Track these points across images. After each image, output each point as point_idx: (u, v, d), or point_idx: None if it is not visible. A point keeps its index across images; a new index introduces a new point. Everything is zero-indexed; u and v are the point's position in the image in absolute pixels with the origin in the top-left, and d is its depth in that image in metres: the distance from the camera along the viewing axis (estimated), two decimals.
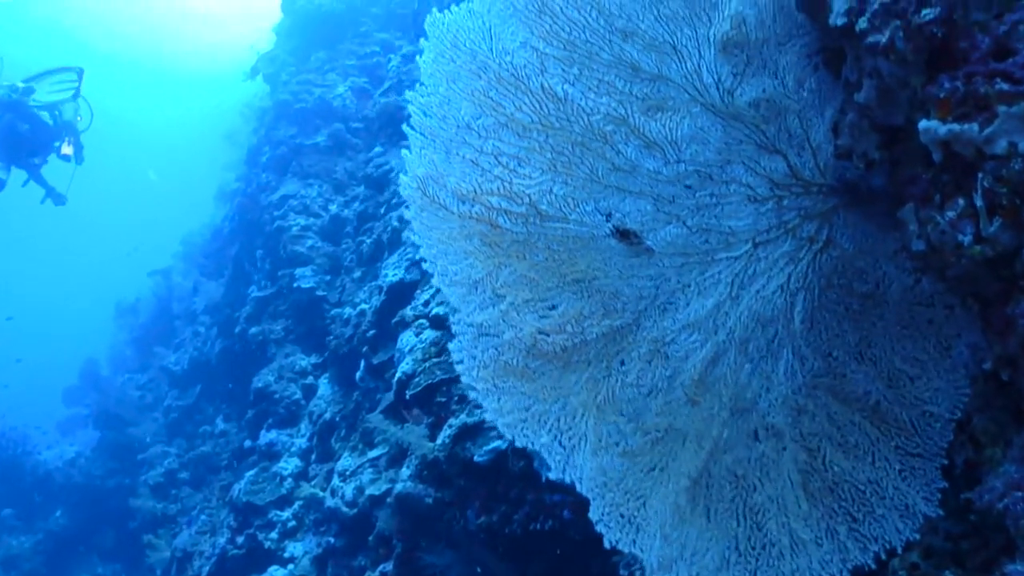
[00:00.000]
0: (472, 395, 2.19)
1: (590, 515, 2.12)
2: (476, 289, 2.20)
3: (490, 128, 2.11)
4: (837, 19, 1.89)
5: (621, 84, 2.01)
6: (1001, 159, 1.62)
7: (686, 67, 2.00)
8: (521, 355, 2.14)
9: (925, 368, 1.97)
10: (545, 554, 6.30)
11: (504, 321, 2.13)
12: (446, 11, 2.11)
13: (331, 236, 12.62)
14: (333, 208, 12.96)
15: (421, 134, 2.22)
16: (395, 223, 11.00)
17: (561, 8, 1.99)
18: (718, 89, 2.01)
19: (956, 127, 1.68)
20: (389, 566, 7.53)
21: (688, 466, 2.06)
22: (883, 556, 1.99)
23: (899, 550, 1.98)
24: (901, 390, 1.99)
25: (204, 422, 13.12)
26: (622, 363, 2.10)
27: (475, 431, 6.89)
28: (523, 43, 2.05)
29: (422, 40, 2.14)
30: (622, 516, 2.14)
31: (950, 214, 1.75)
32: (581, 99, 2.03)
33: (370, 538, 7.77)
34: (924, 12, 1.75)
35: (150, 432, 13.83)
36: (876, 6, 1.83)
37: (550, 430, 2.17)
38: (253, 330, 12.18)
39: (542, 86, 2.03)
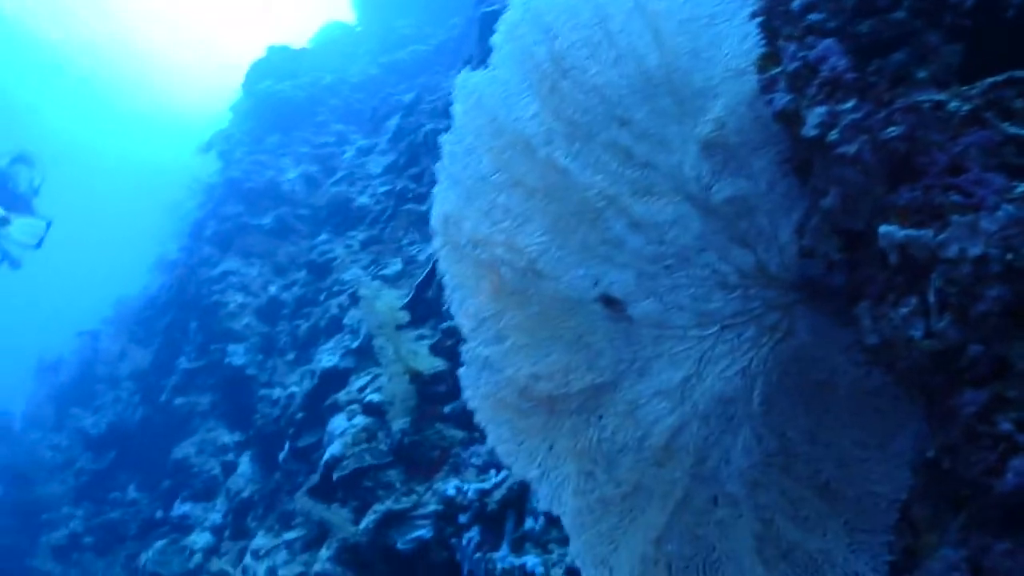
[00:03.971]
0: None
1: (569, 550, 2.24)
2: (483, 325, 2.34)
3: (502, 184, 2.28)
4: (810, 131, 2.09)
5: (615, 166, 2.18)
6: (952, 263, 1.80)
7: (671, 160, 2.18)
8: (515, 394, 2.26)
9: (872, 452, 2.11)
10: None
11: (504, 359, 2.27)
12: (475, 72, 2.32)
13: (267, 317, 12.59)
14: (272, 289, 12.95)
15: (448, 176, 2.40)
16: (335, 310, 11.05)
17: (569, 90, 2.18)
18: (698, 184, 2.19)
19: (913, 232, 1.87)
20: None
21: (654, 521, 2.17)
22: None
23: None
24: (849, 471, 2.13)
25: (116, 488, 12.76)
26: (600, 418, 2.23)
27: (400, 518, 6.87)
28: (535, 114, 2.24)
29: (454, 92, 2.33)
30: (596, 556, 2.26)
31: (903, 310, 1.91)
32: (579, 174, 2.20)
33: None
34: (890, 129, 1.95)
35: (58, 493, 13.36)
36: (847, 121, 2.03)
37: (539, 466, 2.31)
38: (178, 401, 12.01)
39: (547, 156, 2.20)
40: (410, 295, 8.46)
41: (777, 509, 2.15)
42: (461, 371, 2.37)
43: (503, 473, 6.43)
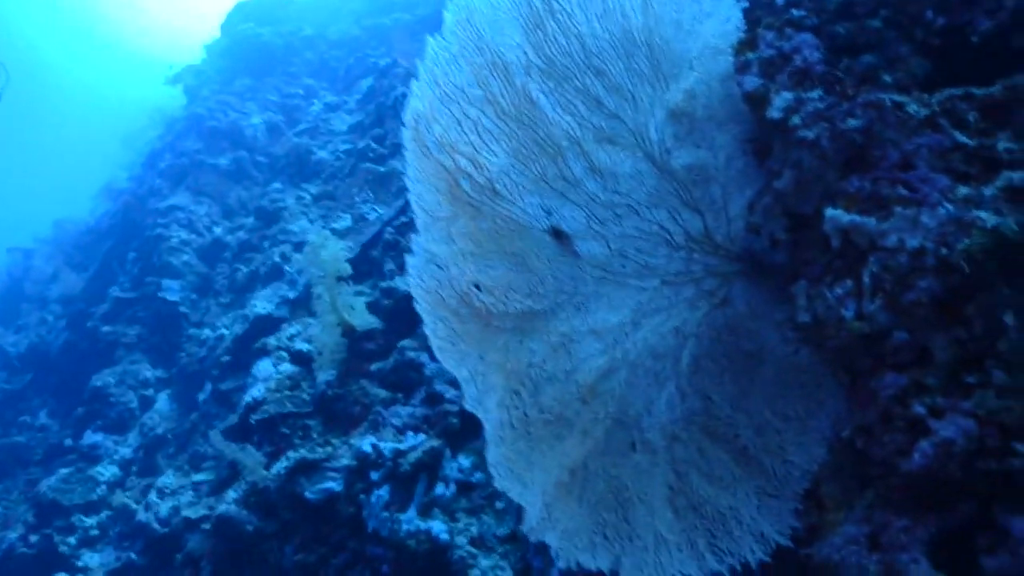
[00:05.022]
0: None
1: (487, 455, 2.30)
2: (436, 224, 2.39)
3: (477, 99, 2.32)
4: (774, 112, 2.16)
5: (584, 111, 2.25)
6: (890, 251, 1.88)
7: (638, 118, 2.25)
8: (456, 298, 2.32)
9: (791, 425, 2.21)
10: None
11: (451, 259, 2.33)
12: None
13: (208, 257, 12.41)
14: (217, 231, 12.78)
15: (428, 75, 2.42)
16: (276, 259, 10.95)
17: (552, 31, 2.23)
18: (660, 145, 2.26)
19: (858, 218, 1.95)
20: None
21: (572, 452, 2.25)
22: (738, 568, 2.20)
23: (753, 566, 2.19)
24: (767, 439, 2.22)
25: (26, 412, 12.40)
26: (533, 343, 2.29)
27: (312, 468, 6.84)
28: (518, 44, 2.29)
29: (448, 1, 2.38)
30: (511, 471, 2.34)
31: (838, 291, 2.00)
32: (549, 110, 2.26)
33: (178, 556, 7.53)
34: (850, 121, 2.03)
35: None
36: (810, 108, 2.11)
37: (469, 370, 2.38)
38: (105, 329, 11.77)
39: (523, 86, 2.25)
40: (356, 251, 8.45)
41: (693, 464, 2.24)
42: (409, 260, 2.41)
43: (420, 437, 6.45)
